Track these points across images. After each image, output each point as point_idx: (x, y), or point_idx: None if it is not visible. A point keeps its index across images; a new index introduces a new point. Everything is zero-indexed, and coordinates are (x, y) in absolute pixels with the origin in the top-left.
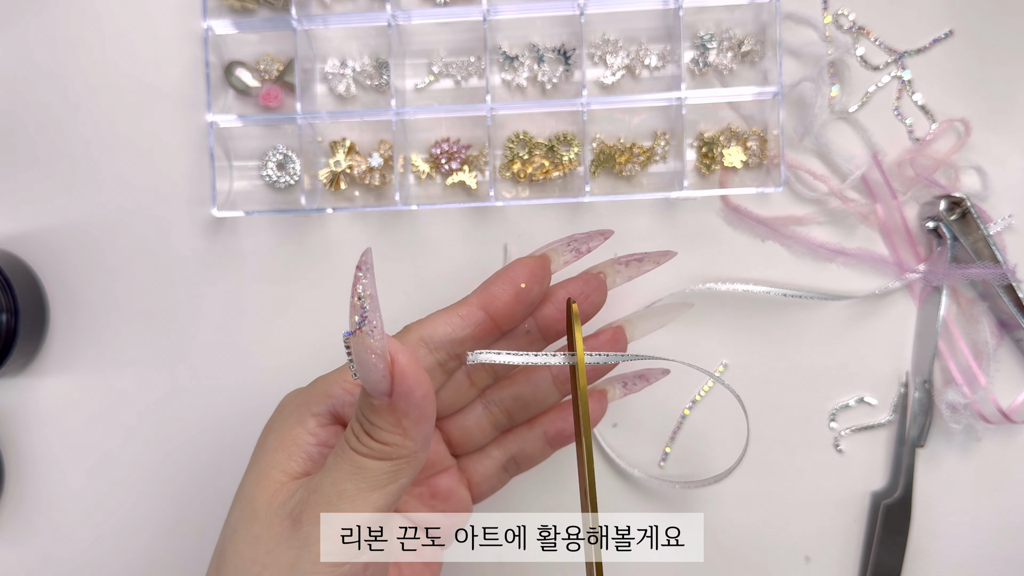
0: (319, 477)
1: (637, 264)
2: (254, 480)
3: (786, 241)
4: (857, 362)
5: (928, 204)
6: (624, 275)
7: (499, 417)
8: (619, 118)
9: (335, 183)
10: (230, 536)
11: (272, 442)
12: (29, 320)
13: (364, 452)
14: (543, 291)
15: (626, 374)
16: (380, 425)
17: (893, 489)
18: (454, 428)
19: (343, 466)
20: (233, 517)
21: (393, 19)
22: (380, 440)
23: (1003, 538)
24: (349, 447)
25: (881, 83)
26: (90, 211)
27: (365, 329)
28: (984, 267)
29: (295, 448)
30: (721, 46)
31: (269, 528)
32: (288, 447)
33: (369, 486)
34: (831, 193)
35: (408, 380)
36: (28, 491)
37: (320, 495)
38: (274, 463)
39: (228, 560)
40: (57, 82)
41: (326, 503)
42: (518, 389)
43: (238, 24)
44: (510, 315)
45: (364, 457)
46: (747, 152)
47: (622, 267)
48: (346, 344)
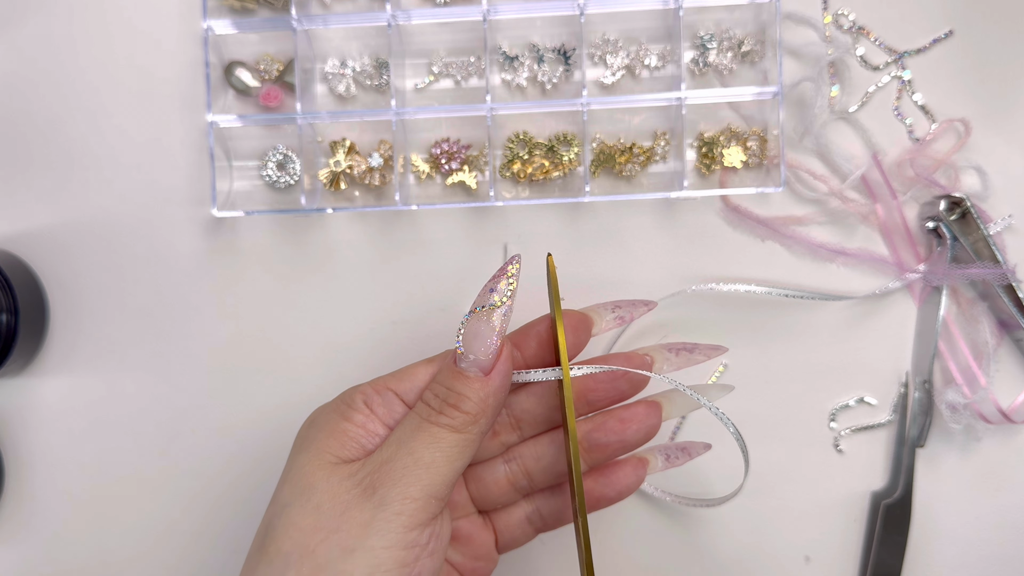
0: (386, 449)
1: (687, 355)
2: (306, 461)
3: (786, 241)
4: (857, 362)
5: (928, 204)
6: (673, 364)
7: (519, 478)
8: (619, 118)
9: (335, 183)
10: (281, 511)
11: (319, 433)
12: (29, 320)
13: (443, 423)
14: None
15: (668, 446)
16: (469, 395)
17: (893, 489)
18: (473, 480)
19: (419, 436)
20: (284, 494)
21: (393, 19)
22: (464, 410)
23: (1003, 538)
24: (427, 421)
25: (881, 83)
26: (90, 211)
27: (500, 311)
28: (984, 267)
29: (346, 438)
30: (721, 46)
31: (335, 497)
32: (339, 436)
33: (442, 456)
34: (831, 193)
35: (507, 365)
36: (28, 491)
37: (395, 463)
38: (327, 448)
39: (282, 532)
40: (57, 82)
41: (403, 469)
42: (541, 449)
43: (238, 24)
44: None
45: (441, 428)
46: (747, 152)
47: (672, 356)
48: (471, 313)
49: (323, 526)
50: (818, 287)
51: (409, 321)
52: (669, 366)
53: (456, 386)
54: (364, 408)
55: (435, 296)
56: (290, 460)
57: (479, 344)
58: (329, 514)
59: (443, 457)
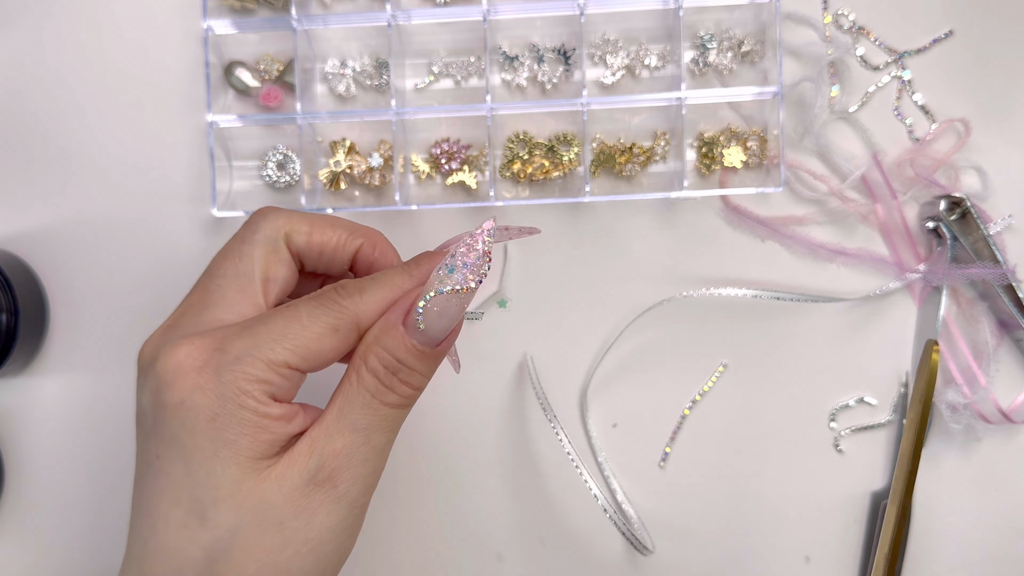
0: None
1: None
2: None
3: (786, 241)
4: (857, 362)
5: (928, 204)
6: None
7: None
8: (619, 118)
9: (335, 183)
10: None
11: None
12: (29, 320)
13: (392, 401)
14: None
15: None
16: (422, 371)
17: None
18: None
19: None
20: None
21: (393, 19)
22: (416, 385)
23: (1003, 538)
24: (377, 399)
25: (881, 83)
26: (90, 211)
27: (471, 289)
28: (984, 267)
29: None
30: (721, 46)
31: (294, 504)
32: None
33: (389, 438)
34: (831, 193)
35: (456, 334)
36: (28, 491)
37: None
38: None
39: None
40: (57, 82)
41: (363, 460)
42: None
43: (238, 24)
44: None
45: (390, 407)
46: (747, 152)
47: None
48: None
49: (290, 541)
50: (818, 287)
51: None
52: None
53: (410, 360)
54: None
55: None
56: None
57: (444, 323)
58: (293, 527)
59: (388, 439)
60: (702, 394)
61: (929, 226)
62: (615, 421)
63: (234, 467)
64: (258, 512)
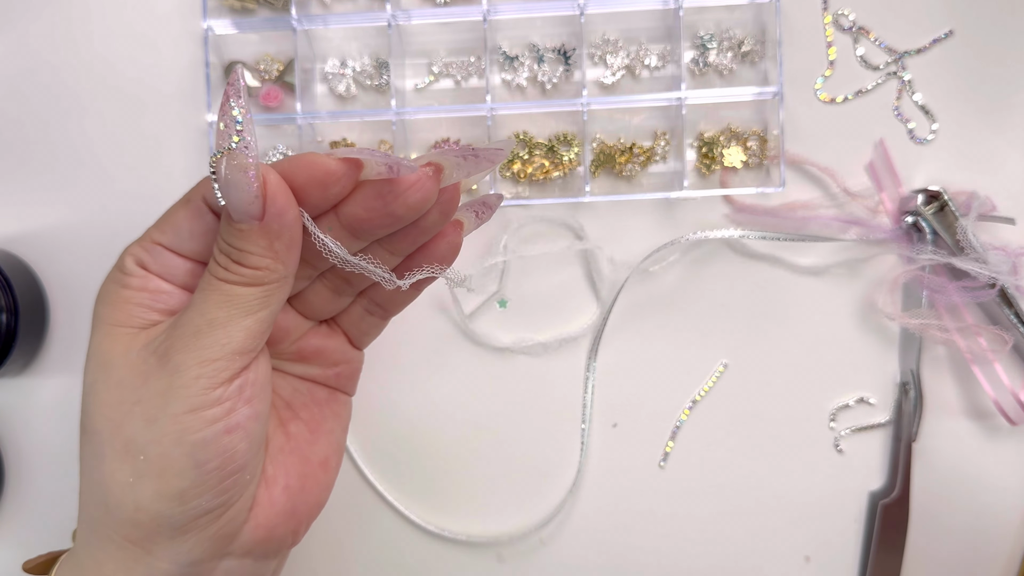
0: (184, 313)
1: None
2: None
3: (798, 225)
4: (857, 362)
5: (906, 199)
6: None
7: (339, 284)
8: (619, 118)
9: None
10: (89, 391)
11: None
12: (29, 320)
13: (234, 280)
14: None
15: (471, 203)
16: (251, 250)
17: (891, 489)
18: (295, 301)
19: (211, 297)
20: (89, 375)
21: (393, 19)
22: (251, 265)
23: (1002, 537)
24: (215, 278)
25: (881, 83)
26: (90, 211)
27: (239, 147)
28: (975, 281)
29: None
30: (721, 46)
31: (132, 369)
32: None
33: (241, 312)
34: (838, 189)
35: (280, 201)
36: (28, 491)
37: (188, 327)
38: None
39: (92, 413)
40: (57, 82)
41: (195, 332)
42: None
43: (238, 24)
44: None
45: (234, 285)
46: (747, 152)
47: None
48: (212, 165)
49: (125, 399)
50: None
51: (408, 320)
52: (459, 172)
53: (235, 242)
54: (138, 270)
55: (435, 295)
56: (90, 338)
57: (237, 193)
58: (130, 387)
59: (242, 312)
60: (702, 394)
61: (908, 220)
62: (615, 421)
63: (97, 333)
64: (105, 369)
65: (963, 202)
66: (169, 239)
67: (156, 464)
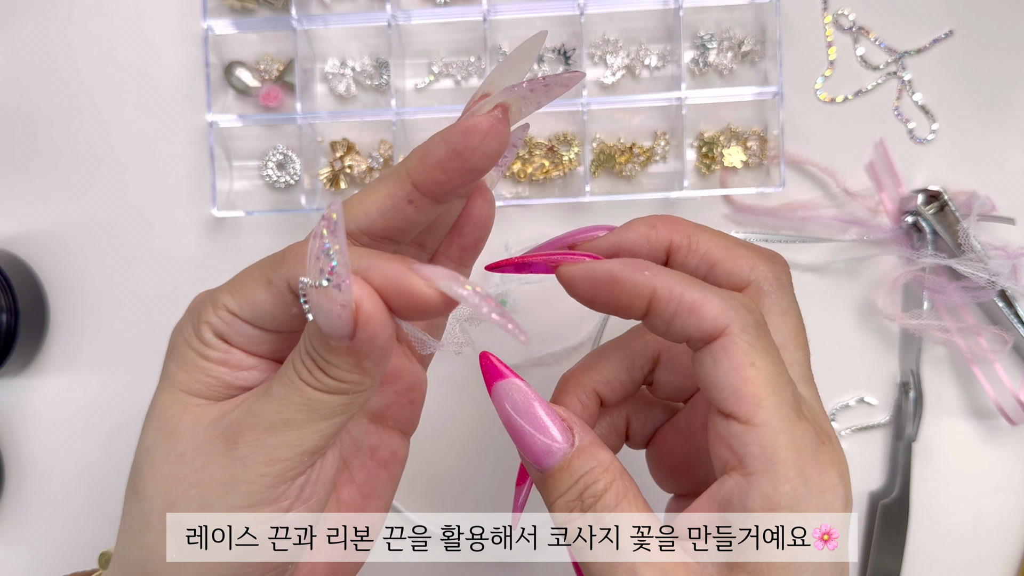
0: (260, 402)
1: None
2: (170, 402)
3: (798, 224)
4: (857, 362)
5: (906, 199)
6: (532, 102)
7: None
8: (619, 118)
9: (335, 183)
10: (146, 453)
11: (178, 369)
12: (29, 320)
13: (317, 386)
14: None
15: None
16: (338, 365)
17: (891, 489)
18: None
19: (291, 396)
20: (149, 437)
21: (393, 19)
22: (337, 377)
23: (1002, 537)
24: (300, 379)
25: (881, 83)
26: (90, 211)
27: (332, 283)
28: (975, 282)
29: (206, 377)
30: (721, 46)
31: (197, 448)
32: (197, 374)
33: (319, 416)
34: (838, 189)
35: (373, 325)
36: (28, 491)
37: (261, 419)
38: (187, 386)
39: (146, 477)
40: (57, 82)
41: (268, 427)
42: None
43: (238, 24)
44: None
45: (316, 391)
46: (747, 152)
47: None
48: (302, 292)
49: (184, 478)
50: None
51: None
52: (528, 107)
53: (323, 352)
54: (219, 343)
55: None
56: (154, 397)
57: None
58: (191, 467)
59: (320, 416)
60: None
61: (908, 220)
62: None
63: (166, 394)
64: (169, 439)
65: (963, 202)
66: (248, 315)
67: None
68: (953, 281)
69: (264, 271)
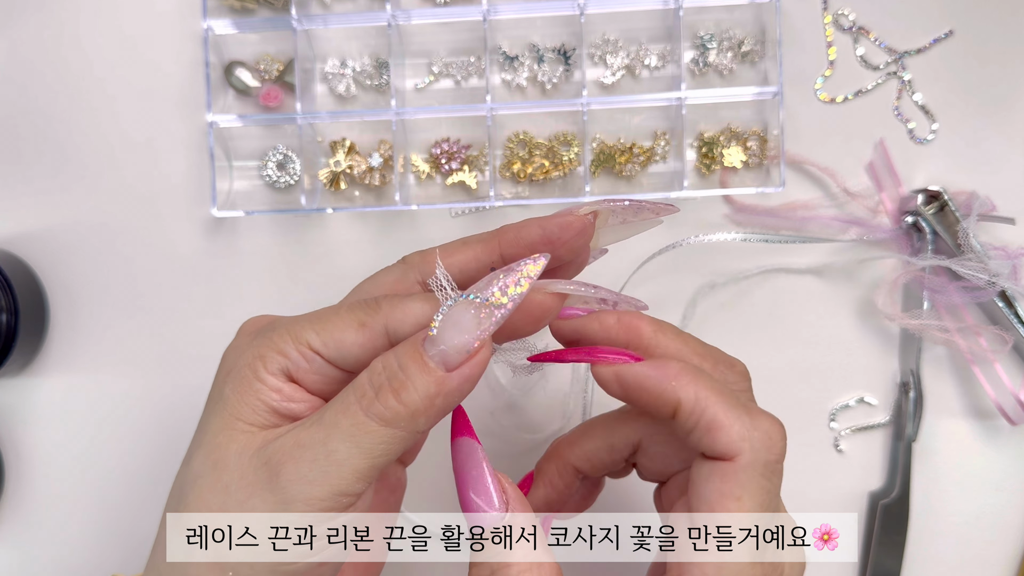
0: (309, 430)
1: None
2: (219, 428)
3: (798, 225)
4: (857, 362)
5: (906, 199)
6: (619, 217)
7: None
8: (619, 118)
9: (335, 183)
10: (192, 483)
11: (232, 393)
12: (29, 320)
13: (374, 412)
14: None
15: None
16: (417, 385)
17: (891, 489)
18: None
19: (342, 423)
20: (196, 463)
21: (393, 19)
22: (403, 401)
23: (1002, 537)
24: (357, 404)
25: (881, 83)
26: (90, 211)
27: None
28: (975, 282)
29: (258, 403)
30: (721, 46)
31: (242, 478)
32: (250, 401)
33: (361, 452)
34: (838, 189)
35: (477, 370)
36: (28, 491)
37: (306, 453)
38: (239, 414)
39: (193, 502)
40: (57, 82)
41: (312, 460)
42: None
43: (238, 24)
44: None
45: (370, 418)
46: (747, 152)
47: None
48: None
49: (229, 509)
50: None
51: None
52: (614, 218)
53: (409, 366)
54: (284, 378)
55: None
56: (204, 419)
57: (455, 337)
58: (235, 499)
59: (362, 453)
60: None
61: (908, 221)
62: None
63: (218, 419)
64: (216, 467)
65: (963, 202)
66: (333, 354)
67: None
68: (953, 281)
69: (356, 314)
